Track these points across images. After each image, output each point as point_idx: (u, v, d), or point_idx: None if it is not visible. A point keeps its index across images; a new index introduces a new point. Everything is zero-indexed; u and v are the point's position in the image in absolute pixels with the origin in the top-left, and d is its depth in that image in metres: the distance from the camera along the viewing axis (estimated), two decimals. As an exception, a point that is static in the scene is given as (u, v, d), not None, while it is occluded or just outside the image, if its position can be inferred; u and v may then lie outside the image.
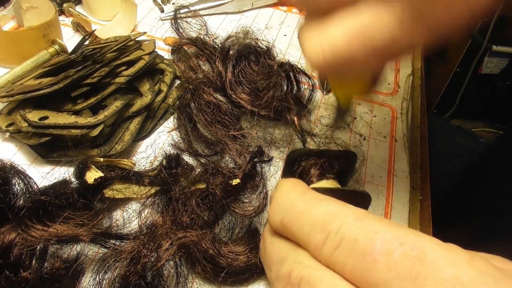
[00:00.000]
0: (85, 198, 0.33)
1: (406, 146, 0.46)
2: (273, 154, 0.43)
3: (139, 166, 0.39)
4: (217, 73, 0.45)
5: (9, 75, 0.45)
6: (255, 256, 0.32)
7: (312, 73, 0.49)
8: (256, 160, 0.39)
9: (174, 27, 0.53)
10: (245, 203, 0.36)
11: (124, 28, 0.56)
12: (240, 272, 0.32)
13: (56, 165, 0.39)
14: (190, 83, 0.45)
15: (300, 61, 0.55)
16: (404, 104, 0.51)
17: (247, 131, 0.43)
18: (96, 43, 0.48)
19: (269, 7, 0.64)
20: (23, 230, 0.30)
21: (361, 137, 0.46)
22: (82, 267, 0.31)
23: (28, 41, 0.47)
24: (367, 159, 0.44)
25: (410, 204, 0.40)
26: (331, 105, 0.49)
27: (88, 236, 0.30)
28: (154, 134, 0.44)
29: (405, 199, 0.40)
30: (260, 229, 0.36)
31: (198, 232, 0.32)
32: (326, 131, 0.46)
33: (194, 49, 0.51)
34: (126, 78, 0.42)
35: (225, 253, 0.32)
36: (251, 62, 0.46)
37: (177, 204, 0.33)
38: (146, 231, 0.33)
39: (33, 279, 0.28)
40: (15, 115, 0.39)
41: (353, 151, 0.35)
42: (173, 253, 0.31)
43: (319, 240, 0.22)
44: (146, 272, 0.30)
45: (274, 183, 0.40)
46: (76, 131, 0.37)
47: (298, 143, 0.44)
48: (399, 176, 0.43)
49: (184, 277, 0.32)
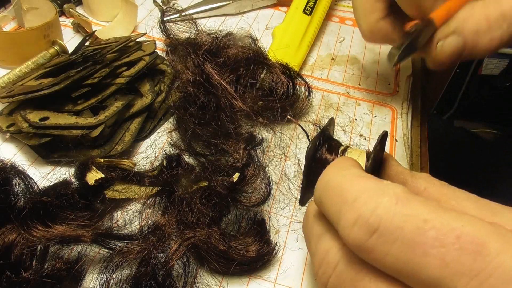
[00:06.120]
0: (86, 198, 0.34)
1: (406, 146, 0.46)
2: (263, 134, 0.43)
3: (139, 166, 0.39)
4: (206, 74, 0.45)
5: (9, 75, 0.45)
6: (266, 245, 0.33)
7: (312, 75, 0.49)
8: (248, 148, 0.39)
9: (161, 29, 0.53)
10: (249, 194, 0.36)
11: (124, 29, 0.56)
12: (253, 262, 0.32)
13: (56, 166, 0.39)
14: (185, 84, 0.45)
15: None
16: (404, 104, 0.51)
17: (239, 125, 0.43)
18: (97, 44, 0.48)
19: (269, 8, 0.65)
20: (24, 230, 0.30)
21: (361, 137, 0.46)
22: (83, 268, 0.31)
23: (28, 42, 0.47)
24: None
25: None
26: (334, 108, 0.49)
27: (89, 237, 0.30)
28: (154, 134, 0.44)
29: (406, 199, 0.40)
30: (266, 219, 0.37)
31: (206, 230, 0.32)
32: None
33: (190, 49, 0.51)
34: (126, 78, 0.42)
35: (235, 247, 0.32)
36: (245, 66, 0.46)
37: (182, 204, 0.34)
38: (153, 231, 0.33)
39: (34, 280, 0.28)
40: (16, 115, 0.39)
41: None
42: (184, 253, 0.31)
43: (348, 221, 0.20)
44: (157, 273, 0.30)
45: (274, 168, 0.41)
46: (76, 131, 0.37)
47: (297, 144, 0.44)
48: (400, 176, 0.43)
49: (193, 276, 0.32)
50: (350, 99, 0.51)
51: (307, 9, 0.56)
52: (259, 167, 0.37)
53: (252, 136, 0.41)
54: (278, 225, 0.37)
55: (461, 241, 0.17)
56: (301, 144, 0.44)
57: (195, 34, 0.52)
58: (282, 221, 0.38)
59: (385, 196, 0.20)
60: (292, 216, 0.38)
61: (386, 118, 0.49)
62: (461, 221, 0.18)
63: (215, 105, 0.42)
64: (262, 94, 0.46)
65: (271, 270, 0.34)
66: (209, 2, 0.61)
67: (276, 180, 0.41)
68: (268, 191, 0.36)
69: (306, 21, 0.55)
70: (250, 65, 0.46)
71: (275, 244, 0.34)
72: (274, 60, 0.48)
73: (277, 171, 0.41)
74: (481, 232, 0.17)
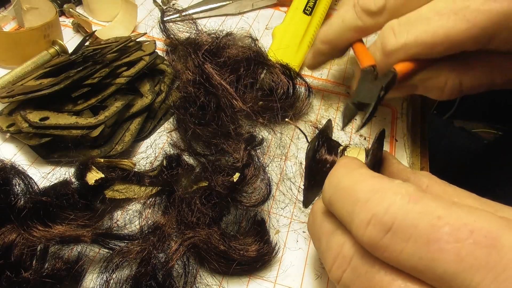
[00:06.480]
0: (85, 198, 0.34)
1: (406, 146, 0.46)
2: (263, 134, 0.43)
3: (139, 166, 0.39)
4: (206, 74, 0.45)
5: (9, 75, 0.45)
6: (266, 245, 0.33)
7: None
8: (249, 148, 0.39)
9: (161, 29, 0.53)
10: (249, 194, 0.36)
11: (124, 29, 0.56)
12: (253, 262, 0.33)
13: (56, 166, 0.39)
14: (186, 84, 0.45)
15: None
16: (405, 104, 0.51)
17: (240, 125, 0.43)
18: (97, 43, 0.48)
19: (269, 8, 0.65)
20: (24, 230, 0.30)
21: (361, 137, 0.46)
22: (83, 268, 0.31)
23: (28, 42, 0.47)
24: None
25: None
26: (334, 108, 0.49)
27: (89, 237, 0.30)
28: (154, 134, 0.44)
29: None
30: (266, 219, 0.37)
31: (206, 230, 0.32)
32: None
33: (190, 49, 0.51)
34: (126, 78, 0.42)
35: (235, 247, 0.32)
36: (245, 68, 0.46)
37: (182, 204, 0.34)
38: (153, 231, 0.33)
39: (34, 280, 0.28)
40: (16, 115, 0.39)
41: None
42: (184, 253, 0.31)
43: (362, 221, 0.20)
44: (157, 273, 0.30)
45: (274, 168, 0.41)
46: (76, 131, 0.37)
47: (297, 145, 0.44)
48: (400, 176, 0.43)
49: (193, 276, 0.32)
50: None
51: (307, 9, 0.56)
52: (259, 167, 0.37)
53: (252, 136, 0.41)
54: (278, 225, 0.37)
55: (474, 236, 0.18)
56: (301, 144, 0.44)
57: (195, 34, 0.52)
58: (282, 221, 0.38)
59: (397, 194, 0.20)
60: (292, 216, 0.38)
61: (386, 118, 0.49)
62: (473, 216, 0.18)
63: (215, 105, 0.42)
64: (262, 94, 0.46)
65: (271, 270, 0.34)
66: (209, 2, 0.61)
67: (276, 180, 0.41)
68: (268, 191, 0.36)
69: (306, 21, 0.55)
70: (250, 65, 0.46)
71: (275, 244, 0.34)
72: (274, 60, 0.48)
73: (277, 171, 0.41)
74: (493, 226, 0.18)
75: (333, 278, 0.23)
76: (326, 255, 0.24)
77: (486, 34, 0.30)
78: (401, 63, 0.35)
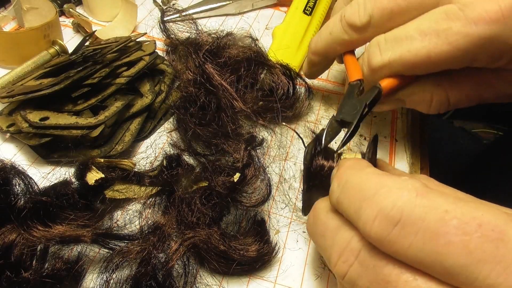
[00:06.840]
0: (85, 198, 0.34)
1: (406, 146, 0.46)
2: (263, 135, 0.43)
3: (139, 166, 0.39)
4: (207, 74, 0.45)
5: (9, 75, 0.45)
6: (266, 245, 0.33)
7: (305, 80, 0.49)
8: (249, 148, 0.39)
9: (161, 29, 0.53)
10: (249, 194, 0.36)
11: (124, 29, 0.56)
12: (253, 262, 0.33)
13: (56, 166, 0.39)
14: (186, 84, 0.45)
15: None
16: (404, 104, 0.51)
17: (240, 126, 0.43)
18: (97, 43, 0.48)
19: (269, 7, 0.65)
20: (24, 230, 0.30)
21: (362, 137, 0.46)
22: (83, 268, 0.31)
23: (28, 42, 0.47)
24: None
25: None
26: (334, 108, 0.49)
27: (89, 237, 0.30)
28: (154, 134, 0.44)
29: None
30: (266, 219, 0.37)
31: (206, 230, 0.32)
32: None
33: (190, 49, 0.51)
34: (126, 78, 0.42)
35: (235, 247, 0.32)
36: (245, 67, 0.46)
37: (182, 204, 0.34)
38: (153, 231, 0.33)
39: (34, 280, 0.28)
40: (16, 115, 0.39)
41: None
42: (184, 253, 0.31)
43: (369, 216, 0.20)
44: (157, 273, 0.30)
45: (274, 169, 0.41)
46: (76, 131, 0.37)
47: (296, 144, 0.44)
48: (400, 176, 0.43)
49: (193, 276, 0.32)
50: (350, 99, 0.51)
51: (307, 9, 0.56)
52: (259, 167, 0.37)
53: (252, 137, 0.41)
54: (278, 225, 0.37)
55: (482, 229, 0.18)
56: (301, 145, 0.44)
57: (195, 34, 0.52)
58: (282, 221, 0.38)
59: (404, 190, 0.20)
60: (292, 216, 0.38)
61: (386, 118, 0.49)
62: (480, 211, 0.19)
63: (215, 106, 0.42)
64: (262, 95, 0.46)
65: (271, 270, 0.34)
66: (209, 2, 0.61)
67: (276, 180, 0.41)
68: (268, 192, 0.36)
69: (306, 21, 0.55)
70: (250, 66, 0.46)
71: (275, 244, 0.34)
72: (274, 60, 0.48)
73: (277, 171, 0.41)
74: (500, 220, 0.18)
75: (338, 273, 0.23)
76: (332, 251, 0.24)
77: (468, 56, 0.30)
78: (387, 78, 0.35)
